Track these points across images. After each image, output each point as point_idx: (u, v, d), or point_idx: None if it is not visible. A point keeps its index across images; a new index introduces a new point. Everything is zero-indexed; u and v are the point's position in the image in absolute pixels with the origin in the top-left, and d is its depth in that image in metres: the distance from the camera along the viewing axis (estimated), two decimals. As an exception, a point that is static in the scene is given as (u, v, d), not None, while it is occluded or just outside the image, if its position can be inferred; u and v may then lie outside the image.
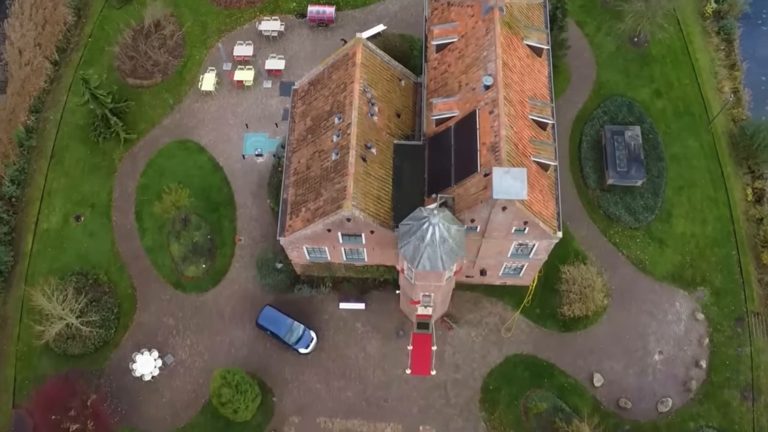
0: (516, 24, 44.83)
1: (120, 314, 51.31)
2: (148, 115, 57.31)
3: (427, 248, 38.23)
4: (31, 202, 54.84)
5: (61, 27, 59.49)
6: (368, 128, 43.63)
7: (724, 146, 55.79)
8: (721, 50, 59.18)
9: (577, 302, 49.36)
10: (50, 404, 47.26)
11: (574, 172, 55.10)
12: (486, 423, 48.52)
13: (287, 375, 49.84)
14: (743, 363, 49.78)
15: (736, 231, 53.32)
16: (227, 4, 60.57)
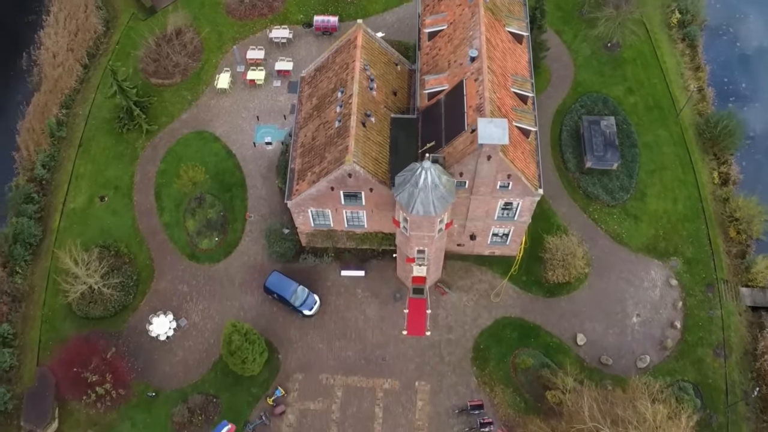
0: (498, 12, 49.53)
1: (138, 282, 54.15)
2: (168, 110, 61.48)
3: (420, 193, 41.65)
4: (60, 185, 58.36)
5: (92, 35, 64.35)
6: (368, 100, 47.67)
7: (692, 136, 59.76)
8: (686, 55, 63.88)
9: (560, 268, 52.33)
10: (72, 361, 49.72)
11: (556, 157, 58.87)
12: (477, 378, 50.71)
13: (292, 336, 52.31)
14: (715, 324, 52.37)
15: (705, 209, 56.70)
16: (241, 15, 65.61)
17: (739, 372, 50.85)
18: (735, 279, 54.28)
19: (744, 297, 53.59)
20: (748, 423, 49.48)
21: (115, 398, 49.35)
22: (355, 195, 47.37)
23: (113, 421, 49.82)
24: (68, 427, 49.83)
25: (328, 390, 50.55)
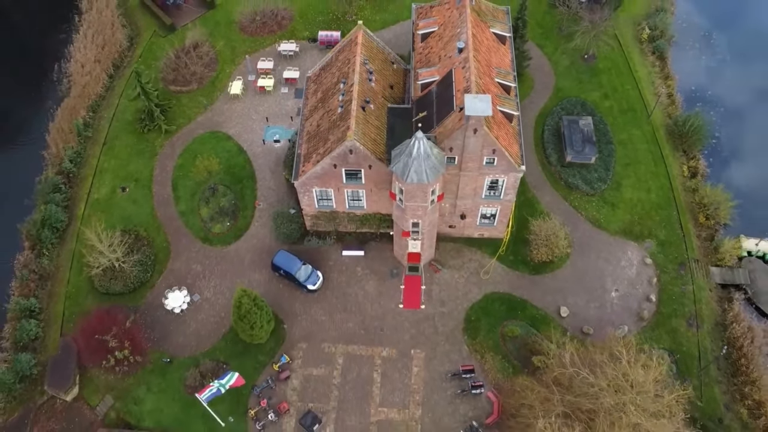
0: (483, 15, 54.39)
1: (156, 262, 57.34)
2: (185, 114, 65.76)
3: (414, 162, 45.41)
4: (85, 178, 62.14)
5: (117, 48, 69.20)
6: (367, 90, 51.96)
7: (663, 135, 63.90)
8: (656, 66, 68.61)
9: (544, 247, 55.66)
10: (94, 330, 52.67)
11: (539, 153, 62.87)
12: (468, 347, 53.40)
13: (297, 309, 55.21)
14: (687, 298, 55.39)
15: (676, 197, 60.39)
16: (252, 32, 70.67)
17: (711, 340, 53.60)
18: (705, 259, 57.50)
19: (714, 275, 56.71)
20: (720, 386, 51.97)
21: (133, 364, 52.11)
22: (355, 174, 51.05)
23: (130, 385, 52.20)
24: (88, 393, 52.14)
25: (329, 357, 53.16)
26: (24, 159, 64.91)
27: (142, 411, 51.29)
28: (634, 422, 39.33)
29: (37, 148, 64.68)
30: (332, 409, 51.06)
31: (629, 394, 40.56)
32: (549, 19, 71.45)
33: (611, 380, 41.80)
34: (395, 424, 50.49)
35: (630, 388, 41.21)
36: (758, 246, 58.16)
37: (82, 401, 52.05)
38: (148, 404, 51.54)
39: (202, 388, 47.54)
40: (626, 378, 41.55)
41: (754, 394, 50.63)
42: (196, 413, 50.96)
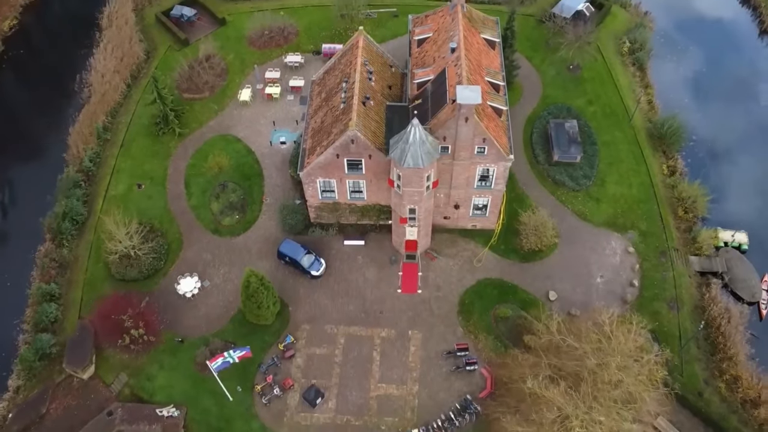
0: (474, 22, 58.14)
1: (169, 251, 59.91)
2: (197, 119, 69.06)
3: (410, 147, 48.43)
4: (103, 177, 65.07)
5: (135, 60, 72.96)
6: (367, 87, 55.31)
7: (644, 137, 67.13)
8: (636, 76, 72.34)
9: (533, 236, 58.39)
10: (110, 311, 55.06)
11: (528, 153, 65.97)
12: (463, 328, 55.64)
13: (301, 294, 57.59)
14: (668, 283, 57.86)
15: (656, 193, 63.30)
16: (260, 46, 74.49)
17: (690, 321, 55.87)
18: (684, 249, 60.11)
19: (693, 263, 59.26)
20: (700, 363, 54.09)
21: (146, 343, 54.27)
22: (356, 164, 54.03)
23: (143, 364, 54.26)
24: (103, 371, 54.12)
25: (332, 338, 55.35)
26: (46, 160, 68.04)
27: (154, 387, 53.26)
28: (616, 380, 41.45)
29: (59, 150, 67.78)
30: (334, 385, 53.06)
31: (611, 356, 42.75)
32: (537, 34, 75.37)
33: (595, 344, 44.05)
34: (394, 398, 52.46)
35: (612, 351, 43.42)
36: (734, 237, 60.79)
37: (98, 379, 53.98)
38: (160, 380, 53.53)
39: (214, 356, 49.55)
40: (608, 341, 43.82)
41: (731, 370, 52.76)
42: (205, 389, 53.00)
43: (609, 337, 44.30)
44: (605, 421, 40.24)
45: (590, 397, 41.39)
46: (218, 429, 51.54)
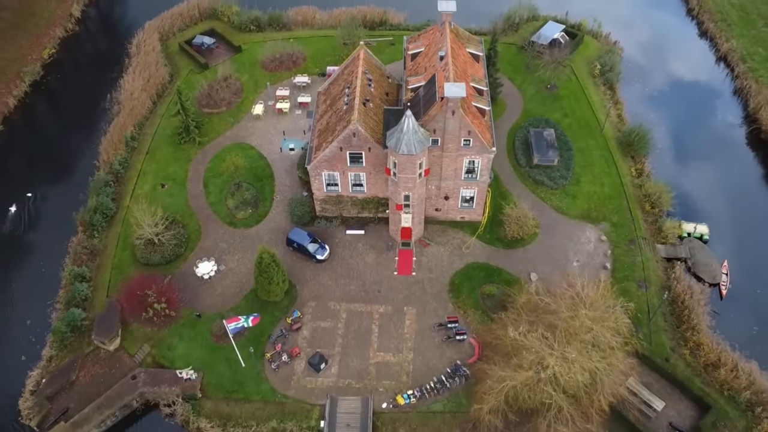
0: (460, 38, 64.40)
1: (188, 240, 64.39)
2: (215, 130, 74.63)
3: (404, 136, 53.69)
4: (131, 178, 70.13)
5: (160, 81, 79.08)
6: (367, 92, 61.00)
7: (614, 144, 72.52)
8: (607, 94, 78.38)
9: (515, 226, 63.06)
10: (135, 289, 59.14)
11: (510, 158, 71.21)
12: (453, 304, 59.68)
13: (308, 276, 61.80)
14: (637, 266, 62.16)
15: (626, 190, 68.24)
16: (272, 69, 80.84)
17: (658, 299, 59.88)
18: (652, 238, 64.68)
19: (659, 251, 63.69)
20: (666, 333, 57.92)
21: (167, 317, 58.17)
22: (357, 156, 59.18)
23: (164, 336, 58.06)
24: (128, 344, 57.84)
25: (335, 313, 59.30)
26: (79, 166, 73.23)
27: (174, 355, 56.92)
28: (588, 327, 45.48)
29: (91, 158, 73.03)
30: (337, 353, 56.75)
31: (582, 308, 46.89)
32: (518, 59, 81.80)
33: (568, 300, 48.21)
34: (391, 365, 56.08)
35: (583, 305, 47.57)
36: (696, 228, 65.43)
37: (123, 351, 57.64)
38: (179, 350, 57.23)
39: (231, 318, 53.43)
40: (579, 297, 48.00)
41: (694, 338, 56.56)
42: (220, 357, 56.68)
43: (579, 294, 48.37)
44: (577, 357, 44.03)
45: (564, 341, 45.29)
46: (232, 391, 54.97)
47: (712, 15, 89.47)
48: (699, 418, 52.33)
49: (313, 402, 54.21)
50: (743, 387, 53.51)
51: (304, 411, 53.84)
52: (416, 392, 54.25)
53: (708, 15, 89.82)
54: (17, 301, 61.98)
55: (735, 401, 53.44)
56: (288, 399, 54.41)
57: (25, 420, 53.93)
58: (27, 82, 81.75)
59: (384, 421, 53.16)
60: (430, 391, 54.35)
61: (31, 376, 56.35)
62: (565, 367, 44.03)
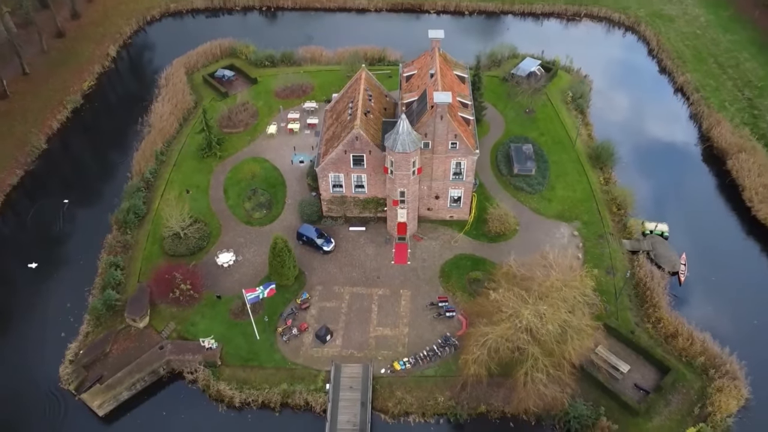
0: (448, 61, 72.18)
1: (210, 235, 70.32)
2: (234, 146, 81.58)
3: (399, 137, 60.48)
4: (159, 186, 76.55)
5: (186, 106, 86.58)
6: (368, 105, 68.22)
7: (584, 157, 79.38)
8: (578, 117, 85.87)
9: (498, 222, 69.17)
10: (163, 274, 64.64)
11: (494, 169, 77.86)
12: (443, 287, 65.08)
13: (315, 265, 67.37)
14: (605, 256, 67.88)
15: (595, 195, 74.61)
16: (284, 97, 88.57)
17: (623, 282, 65.39)
18: (618, 234, 70.69)
19: (625, 244, 69.55)
20: (631, 311, 63.15)
21: (191, 298, 63.41)
22: (359, 159, 65.79)
23: (188, 315, 63.19)
24: (156, 322, 62.90)
25: (339, 295, 64.62)
26: (114, 176, 79.72)
27: (196, 330, 61.92)
28: (558, 287, 50.99)
29: (124, 170, 79.80)
30: (341, 328, 61.82)
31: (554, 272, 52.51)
32: (500, 88, 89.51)
33: (541, 269, 53.85)
34: (388, 337, 61.08)
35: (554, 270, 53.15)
36: (656, 226, 71.45)
37: (151, 328, 62.65)
38: (201, 326, 62.26)
39: (249, 289, 58.72)
40: (551, 265, 53.66)
41: (656, 314, 61.82)
42: (237, 331, 61.72)
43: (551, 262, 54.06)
44: (548, 311, 49.34)
45: (537, 298, 50.71)
46: (247, 359, 59.80)
47: (669, 54, 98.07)
48: (660, 379, 57.04)
49: (320, 368, 58.93)
50: (698, 353, 58.50)
51: (312, 376, 58.53)
52: (411, 360, 59.07)
53: (666, 54, 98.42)
54: (58, 288, 67.20)
55: (691, 366, 58.33)
56: (297, 366, 59.18)
57: (64, 385, 58.54)
58: (69, 109, 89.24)
59: (382, 384, 57.79)
60: (424, 359, 59.18)
61: (70, 348, 61.20)
62: (538, 317, 49.27)
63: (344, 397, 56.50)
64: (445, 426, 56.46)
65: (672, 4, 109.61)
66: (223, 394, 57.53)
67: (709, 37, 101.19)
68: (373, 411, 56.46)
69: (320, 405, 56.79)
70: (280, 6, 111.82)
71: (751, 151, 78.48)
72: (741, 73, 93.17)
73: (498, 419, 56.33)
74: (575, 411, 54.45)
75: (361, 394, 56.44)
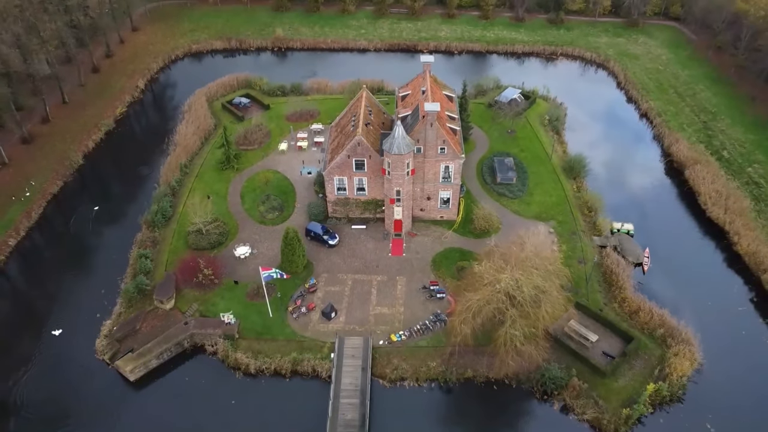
0: (438, 83, 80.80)
1: (229, 233, 77.16)
2: (249, 161, 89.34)
3: (395, 140, 68.24)
4: (184, 193, 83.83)
5: (207, 128, 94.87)
6: (368, 119, 76.36)
7: (559, 169, 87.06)
8: (554, 138, 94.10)
9: (482, 221, 76.23)
10: (187, 264, 71.21)
11: (479, 179, 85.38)
12: (434, 274, 71.56)
13: (321, 256, 73.91)
14: (577, 249, 74.56)
15: (568, 200, 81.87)
16: (293, 120, 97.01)
17: (592, 271, 71.91)
18: (589, 231, 77.63)
19: (595, 240, 76.40)
20: (600, 294, 69.43)
21: (212, 284, 69.76)
22: (361, 163, 73.35)
23: (210, 297, 69.31)
24: (180, 304, 68.88)
25: (342, 281, 70.91)
26: (143, 186, 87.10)
27: (216, 310, 67.84)
28: (530, 257, 57.61)
29: (152, 180, 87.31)
30: (344, 308, 67.89)
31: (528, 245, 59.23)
32: (485, 114, 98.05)
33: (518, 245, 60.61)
34: (386, 315, 67.11)
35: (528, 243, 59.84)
36: (623, 226, 78.44)
37: (176, 309, 68.63)
38: (221, 306, 68.23)
39: (264, 267, 65.10)
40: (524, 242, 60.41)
41: (621, 294, 68.09)
42: (253, 310, 67.74)
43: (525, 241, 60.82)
44: (522, 275, 55.81)
45: (513, 267, 57.24)
46: (262, 333, 65.63)
47: (635, 86, 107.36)
48: (625, 347, 62.87)
49: (325, 340, 64.74)
50: (657, 326, 64.52)
51: (318, 346, 64.29)
52: (406, 333, 64.95)
53: (632, 85, 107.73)
54: (94, 278, 73.44)
55: (652, 336, 64.25)
56: (305, 338, 65.00)
57: (100, 355, 64.21)
58: (102, 131, 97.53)
59: (381, 354, 63.53)
60: (417, 332, 65.09)
61: (105, 325, 67.10)
62: (514, 281, 55.68)
63: (347, 363, 62.14)
64: (436, 389, 61.81)
65: (638, 44, 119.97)
66: (240, 362, 63.10)
67: (670, 72, 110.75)
68: (373, 377, 61.93)
69: (326, 371, 62.29)
70: (289, 47, 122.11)
71: (705, 163, 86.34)
72: (697, 101, 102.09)
73: (483, 383, 61.75)
74: (550, 373, 60.05)
75: (362, 361, 62.08)
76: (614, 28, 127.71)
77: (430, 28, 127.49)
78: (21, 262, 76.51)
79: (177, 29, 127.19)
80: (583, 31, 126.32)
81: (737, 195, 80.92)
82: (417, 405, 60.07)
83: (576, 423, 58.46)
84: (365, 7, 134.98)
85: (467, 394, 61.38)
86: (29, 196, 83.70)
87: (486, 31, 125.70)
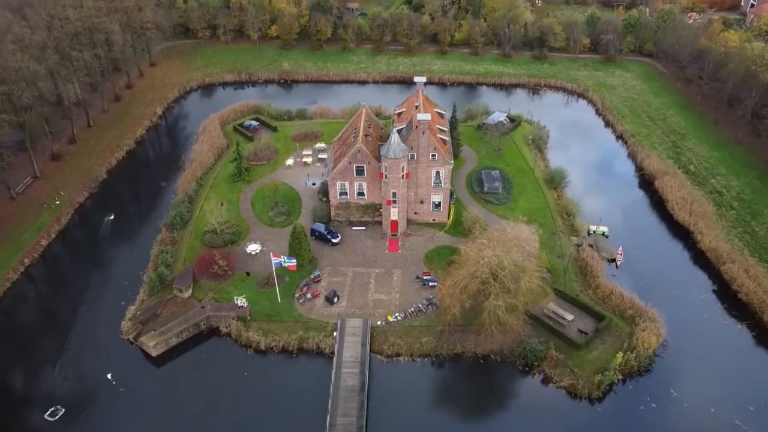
0: (430, 101, 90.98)
1: (240, 234, 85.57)
2: (259, 174, 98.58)
3: (392, 146, 77.61)
4: (199, 201, 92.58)
5: (220, 146, 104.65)
6: (367, 131, 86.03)
7: (542, 181, 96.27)
8: (537, 155, 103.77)
9: (471, 222, 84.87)
10: (204, 258, 79.39)
11: (469, 189, 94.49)
12: (427, 267, 79.61)
13: (325, 253, 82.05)
14: (556, 247, 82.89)
15: (549, 206, 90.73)
16: (299, 140, 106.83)
17: (570, 264, 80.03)
18: (567, 232, 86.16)
19: (572, 240, 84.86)
20: (577, 282, 77.37)
21: (226, 275, 77.73)
22: (361, 169, 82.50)
23: (224, 287, 77.06)
24: (197, 293, 76.61)
25: (344, 273, 78.79)
26: (163, 196, 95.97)
27: (230, 297, 75.55)
28: (511, 238, 65.94)
29: (171, 191, 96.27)
30: (346, 294, 75.61)
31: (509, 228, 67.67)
32: (475, 134, 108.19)
33: (500, 232, 69.07)
34: (384, 301, 74.76)
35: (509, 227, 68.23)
36: (598, 227, 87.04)
37: (194, 298, 76.39)
38: (234, 294, 76.03)
39: (275, 254, 73.14)
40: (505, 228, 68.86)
41: (594, 282, 76.02)
42: (262, 297, 75.42)
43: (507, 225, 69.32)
44: (502, 252, 63.98)
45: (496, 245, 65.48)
46: (271, 315, 73.08)
47: (611, 112, 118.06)
48: (597, 325, 70.42)
49: (328, 321, 72.23)
50: (627, 307, 72.19)
51: (322, 327, 71.70)
52: (401, 314, 72.51)
53: (609, 112, 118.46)
54: (119, 272, 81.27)
55: (623, 317, 71.85)
56: (311, 320, 72.46)
57: (124, 335, 71.46)
58: (124, 150, 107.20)
59: (378, 332, 70.92)
60: (411, 314, 72.63)
61: (129, 310, 74.55)
62: (496, 257, 63.83)
63: (348, 340, 69.47)
64: (428, 364, 68.88)
65: (614, 77, 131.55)
66: (251, 340, 70.35)
67: (643, 100, 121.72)
68: (371, 352, 69.15)
69: (329, 347, 69.47)
70: (295, 79, 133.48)
71: (673, 174, 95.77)
72: (668, 124, 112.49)
73: (471, 358, 68.86)
74: (530, 346, 67.38)
75: (362, 338, 69.44)
76: (593, 63, 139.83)
77: (424, 62, 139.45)
78: (52, 260, 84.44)
79: (191, 64, 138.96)
80: (565, 66, 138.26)
81: (701, 201, 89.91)
82: (411, 376, 67.06)
83: (554, 390, 65.40)
84: (365, 45, 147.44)
85: (457, 367, 68.37)
86: (59, 204, 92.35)
87: (476, 66, 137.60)
